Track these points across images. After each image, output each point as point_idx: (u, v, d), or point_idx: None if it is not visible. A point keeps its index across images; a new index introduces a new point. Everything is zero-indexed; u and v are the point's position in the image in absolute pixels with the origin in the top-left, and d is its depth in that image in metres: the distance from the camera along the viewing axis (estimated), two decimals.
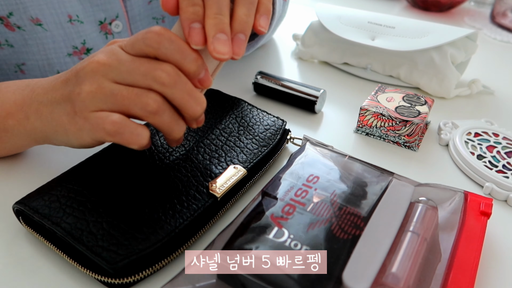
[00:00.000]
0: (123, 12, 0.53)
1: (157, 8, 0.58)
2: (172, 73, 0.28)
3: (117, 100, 0.28)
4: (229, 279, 0.27)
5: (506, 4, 0.84)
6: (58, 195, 0.31)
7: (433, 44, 0.53)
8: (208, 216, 0.32)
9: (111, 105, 0.28)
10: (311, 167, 0.35)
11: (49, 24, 0.48)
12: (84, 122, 0.29)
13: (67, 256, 0.29)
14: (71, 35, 0.50)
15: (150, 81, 0.28)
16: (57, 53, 0.50)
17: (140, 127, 0.29)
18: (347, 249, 0.27)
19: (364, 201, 0.32)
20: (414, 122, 0.43)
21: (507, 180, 0.38)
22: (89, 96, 0.29)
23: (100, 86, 0.29)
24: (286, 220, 0.29)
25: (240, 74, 0.59)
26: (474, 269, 0.28)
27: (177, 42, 0.28)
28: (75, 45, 0.51)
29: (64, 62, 0.51)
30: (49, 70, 0.51)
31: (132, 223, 0.29)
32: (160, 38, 0.28)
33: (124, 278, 0.27)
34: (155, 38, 0.28)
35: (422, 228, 0.30)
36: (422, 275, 0.27)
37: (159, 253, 0.29)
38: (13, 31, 0.47)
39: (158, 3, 0.57)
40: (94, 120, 0.29)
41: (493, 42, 0.78)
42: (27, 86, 0.35)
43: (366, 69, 0.60)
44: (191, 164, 0.35)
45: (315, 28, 0.62)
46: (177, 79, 0.28)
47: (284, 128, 0.42)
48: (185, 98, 0.29)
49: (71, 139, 0.31)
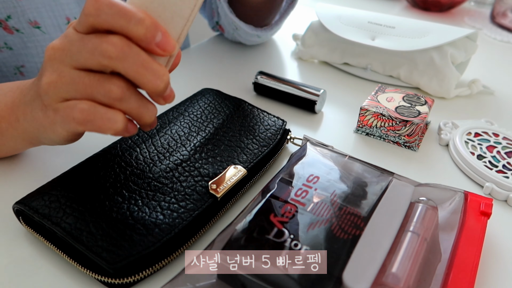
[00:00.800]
0: None
1: None
2: (119, 44, 0.25)
3: (79, 88, 0.27)
4: (229, 279, 0.27)
5: (506, 4, 0.84)
6: (58, 195, 0.31)
7: (433, 44, 0.53)
8: (208, 216, 0.32)
9: (74, 93, 0.27)
10: (311, 167, 0.35)
11: (47, 27, 0.48)
12: (54, 115, 0.28)
13: (67, 256, 0.29)
14: None
15: (98, 57, 0.26)
16: None
17: (111, 111, 0.27)
18: (347, 249, 0.27)
19: (364, 201, 0.32)
20: (414, 122, 0.43)
21: (507, 180, 0.38)
22: (51, 87, 0.27)
23: (60, 74, 0.27)
24: (286, 220, 0.29)
25: (240, 74, 0.59)
26: (474, 269, 0.28)
27: (116, 5, 0.25)
28: None
29: None
30: None
31: (132, 223, 0.29)
32: (97, 4, 0.25)
33: (124, 278, 0.27)
34: (93, 5, 0.25)
35: (422, 228, 0.30)
36: (422, 275, 0.27)
37: (159, 253, 0.29)
38: (11, 34, 0.47)
39: None
40: (63, 111, 0.27)
41: (493, 42, 0.78)
42: (17, 88, 0.34)
43: (366, 69, 0.60)
44: (191, 164, 0.35)
45: (315, 28, 0.62)
46: (126, 50, 0.25)
47: (284, 128, 0.42)
48: (140, 71, 0.26)
49: (49, 134, 0.30)
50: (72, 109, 0.27)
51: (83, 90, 0.27)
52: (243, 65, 0.62)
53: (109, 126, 0.27)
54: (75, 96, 0.27)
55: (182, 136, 0.38)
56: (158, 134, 0.38)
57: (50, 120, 0.29)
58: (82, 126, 0.27)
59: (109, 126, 0.27)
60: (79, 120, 0.27)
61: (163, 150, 0.36)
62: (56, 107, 0.28)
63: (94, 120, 0.27)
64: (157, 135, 0.38)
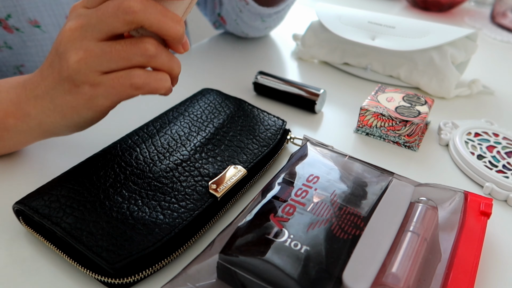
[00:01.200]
0: None
1: None
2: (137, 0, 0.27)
3: (113, 56, 0.28)
4: (229, 279, 0.27)
5: (506, 4, 0.84)
6: (58, 195, 0.31)
7: (433, 44, 0.53)
8: (208, 216, 0.32)
9: (108, 63, 0.28)
10: (311, 167, 0.35)
11: (47, 26, 0.48)
12: (94, 89, 0.30)
13: (67, 256, 0.29)
14: None
15: (123, 15, 0.27)
16: None
17: (159, 72, 0.30)
18: (347, 249, 0.27)
19: (364, 201, 0.32)
20: (414, 122, 0.43)
21: (507, 180, 0.38)
22: (81, 65, 0.28)
23: (87, 50, 0.28)
24: (286, 220, 0.29)
25: (240, 74, 0.59)
26: (474, 269, 0.28)
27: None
28: None
29: None
30: None
31: (132, 223, 0.29)
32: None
33: (124, 278, 0.27)
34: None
35: (422, 228, 0.30)
36: (422, 275, 0.27)
37: (159, 253, 0.29)
38: (11, 33, 0.47)
39: None
40: (113, 82, 0.29)
41: (493, 42, 0.78)
42: (18, 84, 0.34)
43: (366, 69, 0.60)
44: (191, 164, 0.35)
45: (315, 28, 0.62)
46: (145, 3, 0.27)
47: (284, 128, 0.42)
48: (162, 20, 0.28)
49: (83, 113, 0.32)
50: (126, 78, 0.29)
51: (118, 57, 0.28)
52: (243, 65, 0.62)
53: (162, 85, 0.30)
54: (110, 66, 0.29)
55: (182, 136, 0.38)
56: (158, 134, 0.38)
57: (87, 97, 0.30)
58: (139, 91, 0.30)
59: (162, 85, 0.30)
60: (137, 85, 0.29)
61: (163, 150, 0.36)
62: (98, 81, 0.29)
63: (150, 83, 0.30)
64: (157, 135, 0.38)
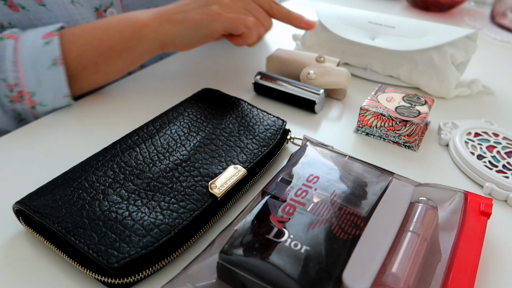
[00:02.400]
0: (117, 1, 0.56)
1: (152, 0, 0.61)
2: (259, 12, 0.49)
3: (241, 12, 0.47)
4: (229, 279, 0.27)
5: (506, 4, 0.84)
6: (58, 195, 0.31)
7: (433, 44, 0.53)
8: (208, 216, 0.32)
9: (237, 8, 0.47)
10: (311, 167, 0.35)
11: (52, 5, 0.50)
12: (219, 17, 0.45)
13: (67, 256, 0.29)
14: (75, 16, 0.52)
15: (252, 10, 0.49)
16: None
17: (260, 26, 0.48)
18: (347, 249, 0.27)
19: (364, 201, 0.32)
20: (414, 122, 0.43)
21: (507, 180, 0.38)
22: (228, 4, 0.46)
23: (233, 1, 0.47)
24: (286, 220, 0.29)
25: (240, 74, 0.59)
26: (474, 269, 0.28)
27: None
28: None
29: None
30: None
31: (131, 223, 0.29)
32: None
33: (124, 278, 0.27)
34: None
35: (422, 228, 0.30)
36: (422, 275, 0.27)
37: (159, 253, 0.29)
38: (17, 11, 0.48)
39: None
40: (236, 17, 0.45)
41: (493, 42, 0.78)
42: (149, 11, 0.48)
43: (366, 69, 0.60)
44: (191, 164, 0.35)
45: (315, 27, 0.62)
46: (259, 15, 0.49)
47: (284, 128, 0.42)
48: (264, 18, 0.50)
49: (201, 30, 0.46)
50: (245, 18, 0.46)
51: (243, 12, 0.48)
52: (243, 65, 0.62)
53: (257, 35, 0.49)
54: (237, 11, 0.47)
55: (182, 136, 0.38)
56: (158, 134, 0.38)
57: (212, 18, 0.45)
58: (246, 29, 0.46)
59: (257, 35, 0.49)
60: (248, 25, 0.46)
61: (163, 150, 0.36)
62: (227, 14, 0.46)
63: (253, 29, 0.47)
64: (157, 135, 0.38)
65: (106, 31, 0.46)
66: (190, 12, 0.46)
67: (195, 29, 0.46)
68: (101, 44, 0.46)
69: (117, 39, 0.46)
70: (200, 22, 0.45)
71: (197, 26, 0.45)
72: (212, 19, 0.45)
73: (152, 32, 0.46)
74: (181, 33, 0.46)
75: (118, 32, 0.46)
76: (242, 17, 0.45)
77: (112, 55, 0.47)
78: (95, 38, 0.46)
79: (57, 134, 0.44)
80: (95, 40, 0.46)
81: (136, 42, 0.46)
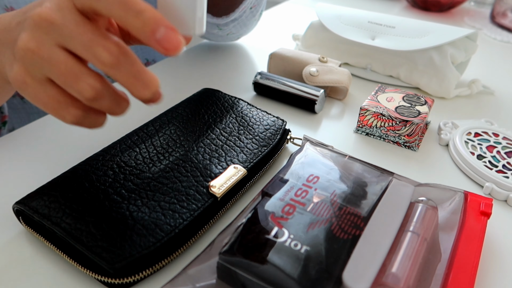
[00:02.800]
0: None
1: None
2: (115, 52, 0.25)
3: (53, 70, 0.26)
4: (229, 279, 0.27)
5: (506, 4, 0.84)
6: (58, 195, 0.31)
7: (433, 44, 0.53)
8: (208, 216, 0.32)
9: (47, 72, 0.26)
10: (311, 167, 0.35)
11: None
12: (25, 78, 0.27)
13: (67, 256, 0.29)
14: None
15: (91, 56, 0.25)
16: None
17: (96, 114, 0.28)
18: (347, 249, 0.27)
19: (364, 201, 0.32)
20: (414, 122, 0.43)
21: (507, 180, 0.38)
22: (27, 55, 0.26)
23: (40, 46, 0.26)
24: (286, 220, 0.29)
25: (240, 74, 0.59)
26: (474, 269, 0.28)
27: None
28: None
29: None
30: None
31: (131, 223, 0.29)
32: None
33: (124, 278, 0.27)
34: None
35: (422, 228, 0.30)
36: (422, 275, 0.27)
37: (159, 253, 0.29)
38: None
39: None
40: (46, 97, 0.27)
41: (493, 42, 0.78)
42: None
43: (366, 69, 0.60)
44: (191, 164, 0.35)
45: (315, 28, 0.62)
46: (121, 60, 0.25)
47: (284, 128, 0.42)
48: (129, 81, 0.25)
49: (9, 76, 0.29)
50: (60, 106, 0.27)
51: (57, 75, 0.26)
52: (243, 65, 0.62)
53: (94, 125, 0.28)
54: (47, 75, 0.26)
55: (182, 136, 0.38)
56: (157, 134, 0.38)
57: (14, 75, 0.27)
58: (66, 121, 0.28)
59: (94, 125, 0.28)
60: (68, 120, 0.27)
61: (162, 150, 0.36)
62: (34, 77, 0.27)
63: (82, 123, 0.28)
64: (157, 135, 0.38)
65: None
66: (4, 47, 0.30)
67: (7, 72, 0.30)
68: None
69: None
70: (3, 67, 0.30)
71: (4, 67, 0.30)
72: (14, 76, 0.28)
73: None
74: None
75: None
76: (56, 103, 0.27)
77: None
78: None
79: (57, 134, 0.44)
80: None
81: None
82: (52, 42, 0.26)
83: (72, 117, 0.27)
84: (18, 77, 0.27)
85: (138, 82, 0.26)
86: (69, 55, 0.26)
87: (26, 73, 0.27)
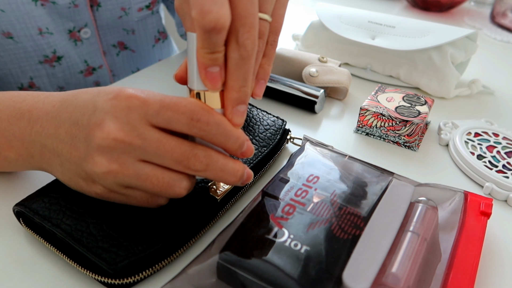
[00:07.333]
0: (92, 21, 0.57)
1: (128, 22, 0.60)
2: (204, 159, 0.27)
3: (144, 184, 0.27)
4: (229, 279, 0.27)
5: (506, 4, 0.84)
6: (58, 197, 0.31)
7: (433, 44, 0.53)
8: (208, 217, 0.32)
9: (135, 185, 0.27)
10: (311, 167, 0.35)
11: (20, 37, 0.51)
12: (109, 194, 0.29)
13: (67, 257, 0.29)
14: (42, 46, 0.54)
15: (183, 168, 0.27)
16: (28, 61, 0.54)
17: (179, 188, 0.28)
18: (347, 249, 0.27)
19: (364, 201, 0.32)
20: (414, 122, 0.43)
21: (507, 180, 0.38)
22: (110, 176, 0.26)
23: (122, 166, 0.26)
24: (286, 220, 0.29)
25: None
26: (474, 269, 0.28)
27: (222, 126, 0.26)
28: (46, 54, 0.55)
29: (36, 69, 0.55)
30: (22, 76, 0.55)
31: (132, 224, 0.29)
32: (208, 127, 0.26)
33: (124, 278, 0.27)
34: (203, 127, 0.26)
35: (422, 228, 0.30)
36: (422, 275, 0.27)
37: (159, 253, 0.29)
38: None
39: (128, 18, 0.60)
40: (118, 198, 0.29)
41: (493, 42, 0.78)
42: (21, 116, 0.30)
43: (366, 69, 0.60)
44: None
45: (316, 27, 0.62)
46: (209, 162, 0.27)
47: (284, 128, 0.42)
48: (218, 175, 0.28)
49: (83, 188, 0.29)
50: (127, 200, 0.29)
51: (148, 187, 0.27)
52: None
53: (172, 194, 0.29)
54: (136, 187, 0.27)
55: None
56: None
57: (97, 193, 0.29)
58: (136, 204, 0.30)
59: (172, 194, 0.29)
60: (128, 203, 0.29)
61: None
62: (118, 191, 0.28)
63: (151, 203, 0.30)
64: None
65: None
66: (71, 170, 0.29)
67: (86, 189, 0.29)
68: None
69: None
70: (83, 188, 0.29)
71: (82, 189, 0.30)
72: (99, 194, 0.29)
73: (22, 160, 0.32)
74: (60, 175, 0.30)
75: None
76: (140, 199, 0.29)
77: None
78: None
79: None
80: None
81: (5, 164, 0.33)
82: (133, 159, 0.26)
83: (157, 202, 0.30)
84: (103, 194, 0.29)
85: (226, 174, 0.28)
86: (155, 166, 0.27)
87: (110, 191, 0.28)
